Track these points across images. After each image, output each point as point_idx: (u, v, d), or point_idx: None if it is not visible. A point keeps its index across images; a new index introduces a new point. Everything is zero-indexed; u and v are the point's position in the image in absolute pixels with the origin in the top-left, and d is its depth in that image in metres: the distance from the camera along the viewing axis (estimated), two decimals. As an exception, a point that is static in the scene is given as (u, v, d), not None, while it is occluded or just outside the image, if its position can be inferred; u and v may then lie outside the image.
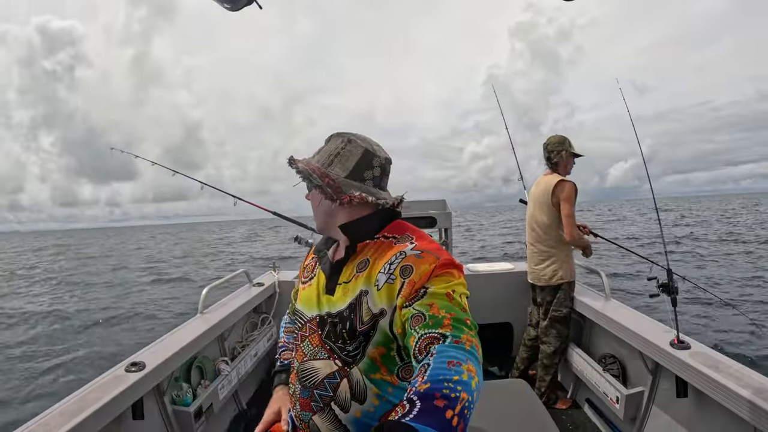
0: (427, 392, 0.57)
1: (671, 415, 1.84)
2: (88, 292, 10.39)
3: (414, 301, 0.76)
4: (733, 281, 8.23)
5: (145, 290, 10.65)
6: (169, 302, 8.83)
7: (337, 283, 0.91)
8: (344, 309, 0.87)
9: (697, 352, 1.69)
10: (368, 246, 0.91)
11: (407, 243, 0.86)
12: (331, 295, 0.91)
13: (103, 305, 8.61)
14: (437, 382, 0.58)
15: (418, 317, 0.73)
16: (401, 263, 0.81)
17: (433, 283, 0.77)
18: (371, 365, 0.85)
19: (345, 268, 0.92)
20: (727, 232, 15.34)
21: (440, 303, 0.73)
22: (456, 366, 0.62)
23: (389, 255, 0.85)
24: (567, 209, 2.35)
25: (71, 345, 6.03)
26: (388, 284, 0.81)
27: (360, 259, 0.90)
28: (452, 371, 0.61)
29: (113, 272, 14.85)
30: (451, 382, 0.58)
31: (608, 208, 75.22)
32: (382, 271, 0.83)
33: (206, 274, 13.14)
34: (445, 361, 0.63)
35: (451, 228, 3.00)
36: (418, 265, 0.79)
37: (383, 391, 0.85)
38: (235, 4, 1.01)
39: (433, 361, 0.63)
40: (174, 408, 1.86)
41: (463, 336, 0.68)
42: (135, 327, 6.87)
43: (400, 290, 0.79)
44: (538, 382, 2.49)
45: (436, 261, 0.79)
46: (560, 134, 2.49)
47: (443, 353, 0.64)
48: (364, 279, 0.86)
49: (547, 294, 2.49)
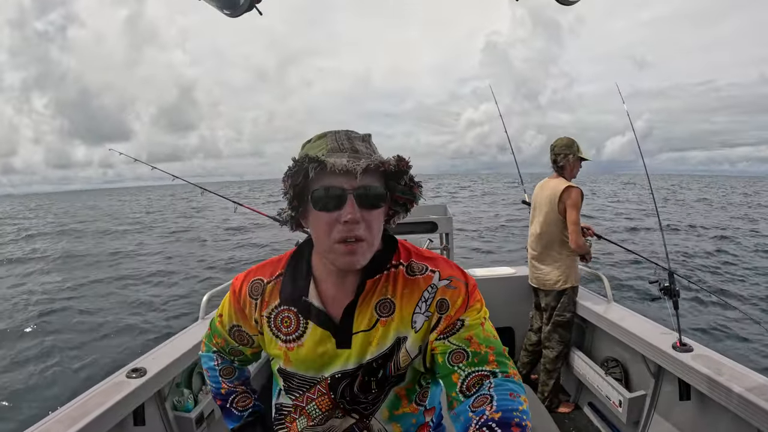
0: (503, 420, 0.61)
1: (674, 419, 1.83)
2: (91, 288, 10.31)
3: (450, 334, 0.73)
4: (735, 281, 8.21)
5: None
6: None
7: (353, 333, 0.76)
8: (373, 360, 0.76)
9: (699, 355, 1.69)
10: (378, 281, 0.77)
11: (428, 273, 0.78)
12: (348, 348, 0.76)
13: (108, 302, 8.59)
14: (508, 412, 0.63)
15: (460, 354, 0.72)
16: (436, 298, 0.76)
17: (468, 314, 0.75)
18: (395, 400, 0.82)
19: (357, 312, 0.77)
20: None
21: (478, 337, 0.73)
22: (517, 397, 0.66)
23: (415, 290, 0.77)
24: (573, 217, 2.32)
25: (72, 347, 6.02)
26: (425, 322, 0.76)
27: (377, 299, 0.77)
28: (515, 402, 0.65)
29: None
30: (518, 412, 0.63)
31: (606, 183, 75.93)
32: (417, 311, 0.76)
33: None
34: (507, 392, 0.66)
35: (452, 232, 2.99)
36: (453, 299, 0.75)
37: (406, 426, 0.84)
38: (235, 10, 1.02)
39: (495, 392, 0.66)
40: (175, 414, 1.85)
41: (510, 371, 0.71)
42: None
43: (435, 325, 0.75)
44: (541, 386, 2.48)
45: (465, 290, 0.76)
46: (568, 137, 2.44)
47: (502, 387, 0.67)
48: (396, 323, 0.76)
49: (552, 299, 2.46)
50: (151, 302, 7.59)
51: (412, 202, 0.77)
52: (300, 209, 0.74)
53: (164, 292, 8.27)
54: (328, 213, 0.69)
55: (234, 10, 1.02)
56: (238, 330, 0.87)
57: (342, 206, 0.68)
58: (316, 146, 0.72)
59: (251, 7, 1.02)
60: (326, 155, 0.68)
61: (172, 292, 8.25)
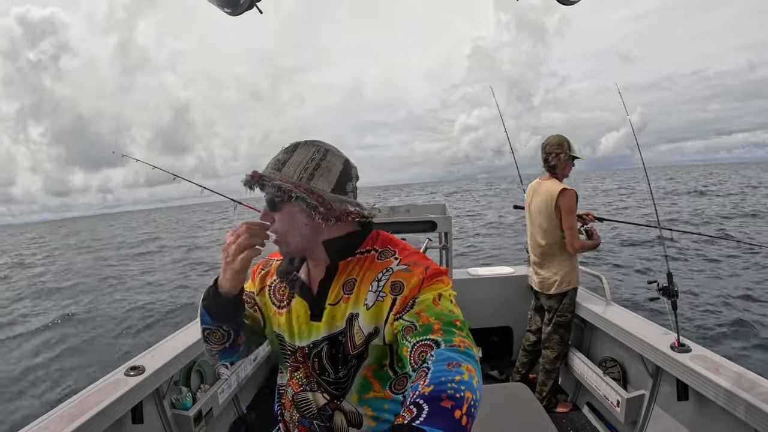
0: (433, 394, 0.57)
1: (672, 419, 1.84)
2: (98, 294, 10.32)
3: (404, 313, 0.76)
4: (736, 280, 8.21)
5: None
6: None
7: (323, 308, 0.86)
8: (334, 334, 0.85)
9: (697, 355, 1.69)
10: (350, 263, 0.87)
11: (391, 258, 0.85)
12: (318, 321, 0.87)
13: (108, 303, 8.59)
14: (440, 384, 0.58)
15: (409, 328, 0.74)
16: (390, 279, 0.81)
17: (422, 293, 0.77)
18: (364, 383, 0.85)
19: (330, 289, 0.87)
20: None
21: (428, 311, 0.74)
22: (456, 367, 0.62)
23: (375, 272, 0.83)
24: (569, 222, 2.31)
25: (72, 348, 6.02)
26: (378, 302, 0.80)
27: (345, 278, 0.86)
28: (453, 372, 0.61)
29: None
30: (454, 383, 0.58)
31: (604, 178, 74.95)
32: (370, 290, 0.82)
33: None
34: (444, 363, 0.63)
35: (451, 232, 3.00)
36: (407, 280, 0.79)
37: (378, 410, 0.86)
38: (236, 8, 1.02)
39: (432, 364, 0.63)
40: (174, 412, 1.85)
41: (455, 339, 0.69)
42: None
43: (391, 307, 0.79)
44: (540, 386, 2.48)
45: (424, 273, 0.79)
46: (560, 135, 2.40)
47: (441, 356, 0.65)
48: (352, 301, 0.84)
49: (554, 301, 2.45)
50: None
51: (313, 206, 0.81)
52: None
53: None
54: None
55: (234, 9, 1.02)
56: (246, 294, 1.00)
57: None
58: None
59: (251, 6, 1.02)
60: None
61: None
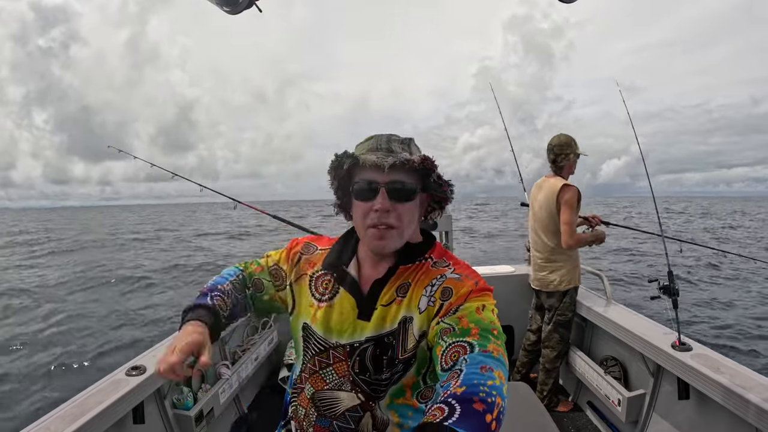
0: (465, 396, 0.57)
1: (673, 418, 1.83)
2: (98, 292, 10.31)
3: (446, 317, 0.77)
4: (735, 280, 8.20)
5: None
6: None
7: (374, 308, 0.84)
8: (381, 335, 0.82)
9: (698, 354, 1.69)
10: (409, 268, 0.86)
11: (445, 267, 0.85)
12: (367, 321, 0.84)
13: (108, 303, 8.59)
14: (473, 386, 0.59)
15: (447, 329, 0.74)
16: (442, 285, 0.81)
17: (468, 302, 0.78)
18: (399, 389, 0.84)
19: (383, 291, 0.85)
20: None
21: (469, 317, 0.75)
22: (488, 371, 0.63)
23: (430, 278, 0.84)
24: (567, 216, 2.28)
25: (72, 348, 6.02)
26: (429, 307, 0.81)
27: (400, 282, 0.85)
28: (485, 376, 0.62)
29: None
30: (486, 387, 0.59)
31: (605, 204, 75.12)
32: (423, 294, 0.82)
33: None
34: (477, 366, 0.64)
35: (452, 231, 3.00)
36: (457, 288, 0.80)
37: (404, 417, 0.85)
38: (235, 7, 1.01)
39: (466, 367, 0.64)
40: (175, 412, 1.85)
41: (489, 345, 0.70)
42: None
43: (438, 312, 0.79)
44: (540, 385, 2.48)
45: (474, 285, 0.80)
46: (566, 134, 2.39)
47: (474, 360, 0.65)
48: (405, 304, 0.83)
49: (555, 300, 2.44)
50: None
51: (445, 200, 0.86)
52: (345, 199, 0.89)
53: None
54: (364, 202, 0.81)
55: (234, 7, 1.01)
56: (277, 269, 0.99)
57: (375, 197, 0.79)
58: (362, 146, 0.85)
59: (251, 5, 1.02)
60: (364, 153, 0.80)
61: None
